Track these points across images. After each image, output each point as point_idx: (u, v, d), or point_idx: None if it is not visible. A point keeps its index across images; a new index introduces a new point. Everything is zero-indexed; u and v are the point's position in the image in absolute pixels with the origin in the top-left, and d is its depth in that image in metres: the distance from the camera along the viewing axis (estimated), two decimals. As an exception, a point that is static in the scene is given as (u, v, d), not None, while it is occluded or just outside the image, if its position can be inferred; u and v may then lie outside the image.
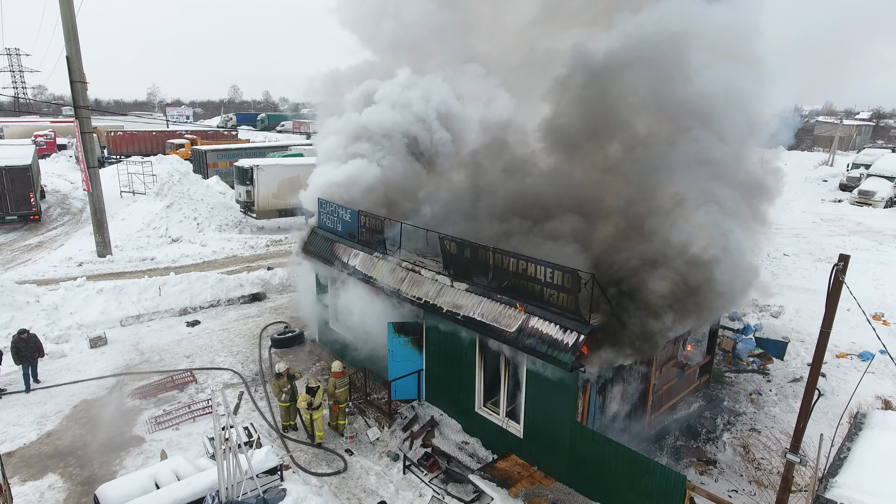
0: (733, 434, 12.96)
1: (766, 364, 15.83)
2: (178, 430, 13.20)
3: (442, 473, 11.71)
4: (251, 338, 17.93)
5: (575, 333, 9.79)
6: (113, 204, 28.74)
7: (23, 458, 12.11)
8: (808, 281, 22.16)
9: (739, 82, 11.86)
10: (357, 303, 14.35)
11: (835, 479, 8.22)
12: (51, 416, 13.64)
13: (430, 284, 12.50)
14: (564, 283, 9.99)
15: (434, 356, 13.17)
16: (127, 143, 51.82)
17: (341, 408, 13.18)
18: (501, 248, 11.23)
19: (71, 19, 22.21)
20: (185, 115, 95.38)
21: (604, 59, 12.58)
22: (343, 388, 13.15)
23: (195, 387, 15.06)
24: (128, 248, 26.17)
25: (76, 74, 22.57)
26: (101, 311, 18.44)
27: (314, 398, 12.60)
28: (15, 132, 58.70)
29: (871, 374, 14.39)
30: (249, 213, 31.22)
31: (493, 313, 11.07)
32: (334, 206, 15.51)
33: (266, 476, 10.10)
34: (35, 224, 30.40)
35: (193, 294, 20.08)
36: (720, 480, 11.61)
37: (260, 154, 39.32)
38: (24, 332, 14.62)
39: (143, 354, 16.81)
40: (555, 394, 10.51)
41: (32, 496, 11.02)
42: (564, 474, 10.71)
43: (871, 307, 18.75)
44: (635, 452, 9.63)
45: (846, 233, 30.24)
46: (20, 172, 29.03)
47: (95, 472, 11.72)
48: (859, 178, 41.66)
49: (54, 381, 15.13)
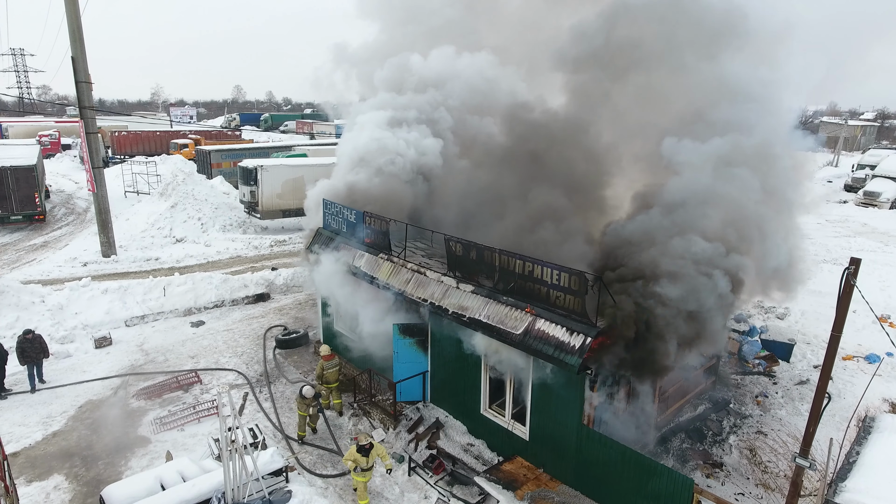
0: (740, 437, 12.90)
1: (772, 366, 15.75)
2: (182, 430, 13.20)
3: (447, 475, 11.68)
4: (256, 338, 17.93)
5: (581, 336, 9.74)
6: (117, 204, 28.78)
7: (28, 459, 12.13)
8: (813, 282, 21.99)
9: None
10: (362, 304, 14.31)
11: (844, 484, 8.17)
12: (56, 417, 13.65)
13: (436, 286, 12.47)
14: (571, 286, 9.95)
15: (439, 358, 13.14)
16: (131, 143, 51.92)
17: (332, 388, 13.73)
18: (508, 250, 11.18)
19: (76, 20, 22.26)
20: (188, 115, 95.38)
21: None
22: (332, 369, 13.74)
23: (200, 387, 15.06)
24: (132, 248, 26.22)
25: (81, 75, 22.62)
26: (105, 312, 18.47)
27: (367, 459, 10.56)
28: (20, 132, 58.98)
29: (879, 376, 14.28)
30: (253, 213, 31.25)
31: (500, 315, 11.03)
32: (339, 206, 15.49)
33: (271, 477, 10.09)
34: (40, 224, 30.47)
35: (198, 294, 20.10)
36: (727, 483, 11.55)
37: (264, 154, 39.37)
38: (28, 333, 14.64)
39: (147, 355, 16.83)
40: (561, 396, 10.47)
41: (38, 497, 11.03)
42: (570, 477, 10.66)
43: (878, 309, 18.66)
44: (642, 455, 9.58)
45: (852, 234, 30.13)
46: (25, 172, 29.12)
47: (101, 472, 11.72)
48: (864, 178, 41.53)
49: (59, 381, 15.15)
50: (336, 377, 13.87)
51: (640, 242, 10.65)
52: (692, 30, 13.01)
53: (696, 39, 13.00)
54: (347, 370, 15.70)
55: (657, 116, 13.38)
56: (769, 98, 12.61)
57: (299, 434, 13.02)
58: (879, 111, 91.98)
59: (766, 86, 12.71)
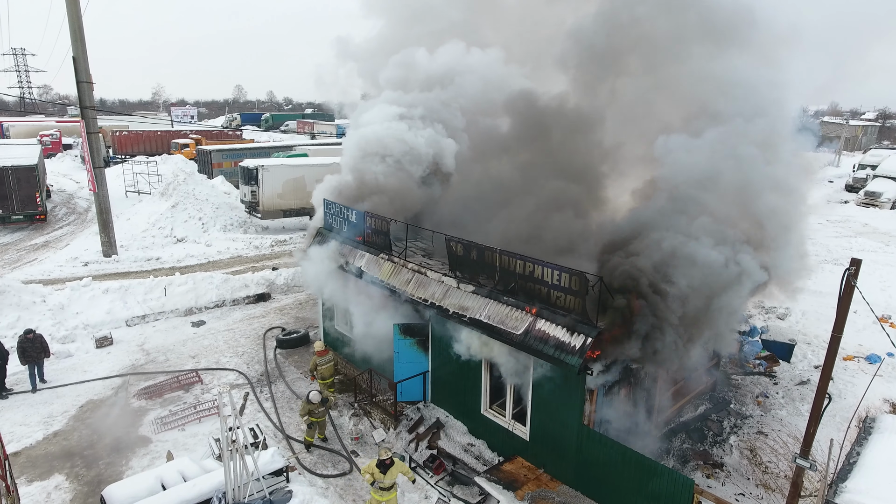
0: (740, 437, 12.90)
1: (772, 366, 15.75)
2: (183, 430, 13.21)
3: (448, 475, 11.70)
4: (256, 338, 17.95)
5: (582, 336, 9.74)
6: (118, 204, 28.82)
7: (29, 458, 12.15)
8: (814, 282, 21.94)
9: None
10: (362, 304, 14.32)
11: (844, 485, 8.17)
12: (57, 417, 13.67)
13: (437, 286, 12.48)
14: (572, 286, 9.95)
15: (440, 358, 13.14)
16: (132, 143, 51.94)
17: (327, 383, 13.93)
18: (508, 250, 11.19)
19: (77, 20, 22.28)
20: (189, 114, 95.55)
21: None
22: (326, 364, 13.98)
23: (201, 387, 15.08)
24: (133, 247, 26.26)
25: (82, 75, 22.64)
26: (106, 311, 18.49)
27: (385, 476, 9.90)
28: (21, 132, 59.05)
29: (880, 377, 14.28)
30: (254, 213, 31.27)
31: (500, 315, 11.02)
32: (340, 206, 15.49)
33: (272, 477, 10.09)
34: (41, 224, 30.51)
35: (199, 294, 20.11)
36: (727, 484, 11.55)
37: (264, 154, 39.40)
38: (29, 333, 14.66)
39: (148, 355, 16.84)
40: (561, 396, 10.48)
41: (39, 496, 11.05)
42: (571, 477, 10.67)
43: (878, 309, 18.66)
44: (642, 456, 9.58)
45: (853, 234, 30.11)
46: (26, 172, 29.16)
47: (102, 472, 11.74)
48: (865, 178, 41.49)
49: (60, 381, 15.17)
50: (331, 372, 14.01)
51: (646, 223, 10.75)
52: (699, 25, 12.98)
53: (703, 36, 12.97)
54: (348, 370, 15.73)
55: (664, 113, 13.33)
56: (776, 99, 12.54)
57: (306, 439, 12.71)
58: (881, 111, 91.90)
59: (773, 87, 12.64)
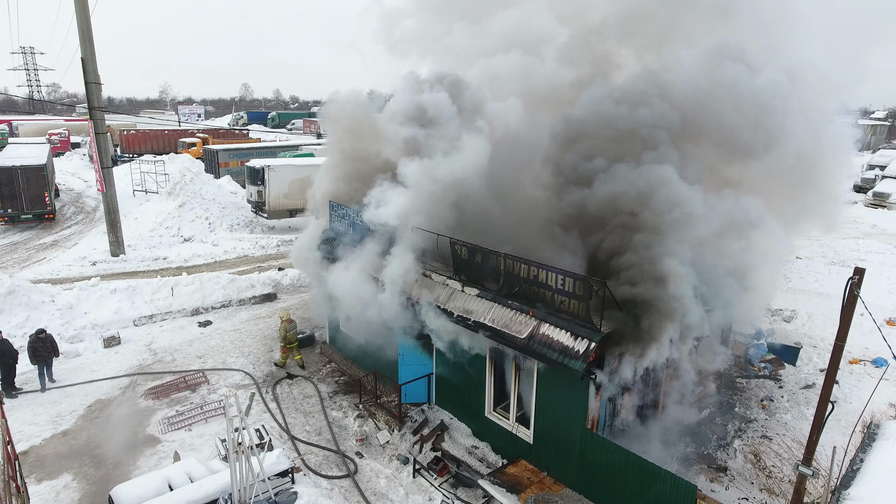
0: (744, 441, 12.89)
1: (777, 370, 15.71)
2: (190, 430, 13.34)
3: (451, 478, 11.76)
4: (262, 339, 18.06)
5: (586, 341, 9.78)
6: (126, 203, 29.04)
7: (38, 458, 12.30)
8: (820, 285, 21.94)
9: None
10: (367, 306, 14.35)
11: (847, 492, 8.15)
12: (66, 416, 13.83)
13: (441, 289, 12.53)
14: (576, 290, 9.98)
15: (444, 360, 13.19)
16: (139, 142, 52.28)
17: (292, 347, 16.37)
18: (512, 254, 11.22)
19: (86, 20, 22.45)
20: (196, 112, 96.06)
21: None
22: (293, 331, 16.26)
23: (207, 387, 15.20)
24: (140, 247, 26.46)
25: (91, 76, 22.81)
26: (114, 311, 18.66)
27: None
28: (30, 131, 59.58)
29: (885, 381, 14.23)
30: (260, 212, 31.42)
31: (504, 319, 11.07)
32: (345, 208, 15.55)
33: (277, 478, 10.18)
34: (49, 223, 30.78)
35: (205, 294, 20.25)
36: (731, 488, 11.55)
37: (271, 154, 39.53)
38: (41, 332, 14.84)
39: (155, 354, 16.99)
40: (565, 400, 10.52)
41: (48, 495, 11.19)
42: (574, 480, 10.70)
43: (886, 312, 18.56)
44: (645, 460, 9.59)
45: (860, 235, 29.90)
46: (35, 172, 29.41)
47: (110, 472, 11.87)
48: (874, 179, 41.18)
49: (69, 380, 15.34)
50: (294, 337, 16.42)
51: None
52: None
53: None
54: (353, 371, 15.81)
55: None
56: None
57: (281, 361, 16.24)
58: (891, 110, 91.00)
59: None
